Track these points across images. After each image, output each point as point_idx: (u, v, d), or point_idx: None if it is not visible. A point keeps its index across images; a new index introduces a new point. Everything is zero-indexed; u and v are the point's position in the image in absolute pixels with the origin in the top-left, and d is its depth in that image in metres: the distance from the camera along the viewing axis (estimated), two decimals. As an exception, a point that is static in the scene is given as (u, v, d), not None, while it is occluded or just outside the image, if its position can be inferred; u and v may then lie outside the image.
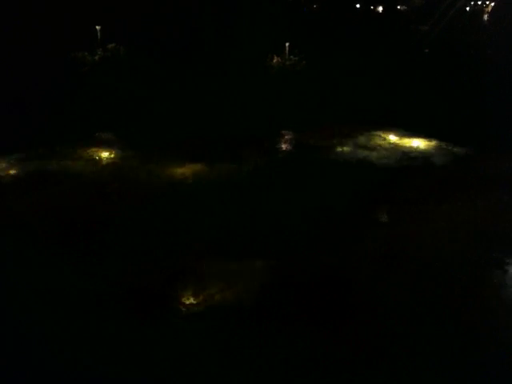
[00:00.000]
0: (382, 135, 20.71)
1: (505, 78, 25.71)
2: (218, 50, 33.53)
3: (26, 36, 30.43)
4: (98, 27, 33.58)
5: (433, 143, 19.90)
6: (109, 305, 9.64)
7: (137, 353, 8.47)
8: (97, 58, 31.84)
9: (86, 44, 31.85)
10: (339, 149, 19.16)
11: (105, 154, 18.02)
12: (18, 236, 12.09)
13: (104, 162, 17.34)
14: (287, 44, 33.15)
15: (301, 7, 49.29)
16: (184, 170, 16.60)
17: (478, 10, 56.26)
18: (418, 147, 19.50)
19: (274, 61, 32.68)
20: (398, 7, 60.20)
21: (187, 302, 9.82)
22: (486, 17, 52.94)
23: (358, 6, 58.38)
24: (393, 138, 20.52)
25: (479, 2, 58.17)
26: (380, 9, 59.18)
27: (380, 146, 19.58)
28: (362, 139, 20.24)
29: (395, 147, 19.43)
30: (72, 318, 9.26)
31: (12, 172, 16.25)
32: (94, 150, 18.36)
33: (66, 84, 25.54)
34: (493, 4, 54.15)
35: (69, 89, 24.73)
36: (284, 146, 19.90)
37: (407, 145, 19.74)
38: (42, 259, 11.16)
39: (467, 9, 55.81)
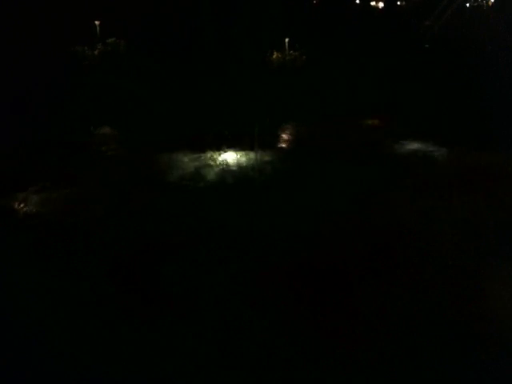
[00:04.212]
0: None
1: (504, 75, 25.65)
2: (218, 47, 33.46)
3: (25, 31, 30.32)
4: (97, 22, 33.42)
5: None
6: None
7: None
8: (96, 52, 31.72)
9: (86, 39, 31.74)
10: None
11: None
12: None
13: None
14: (287, 40, 33.10)
15: (301, 3, 49.05)
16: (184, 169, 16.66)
17: (479, 6, 56.04)
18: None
19: (274, 56, 32.62)
20: (398, 3, 59.93)
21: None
22: (486, 13, 52.74)
23: (357, 1, 58.11)
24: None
25: (479, -1, 57.88)
26: (380, 4, 58.92)
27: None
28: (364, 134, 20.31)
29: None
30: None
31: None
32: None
33: (66, 78, 25.57)
34: (493, 0, 53.93)
35: (69, 83, 24.76)
36: (285, 143, 19.89)
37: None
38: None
39: (467, 5, 55.60)
